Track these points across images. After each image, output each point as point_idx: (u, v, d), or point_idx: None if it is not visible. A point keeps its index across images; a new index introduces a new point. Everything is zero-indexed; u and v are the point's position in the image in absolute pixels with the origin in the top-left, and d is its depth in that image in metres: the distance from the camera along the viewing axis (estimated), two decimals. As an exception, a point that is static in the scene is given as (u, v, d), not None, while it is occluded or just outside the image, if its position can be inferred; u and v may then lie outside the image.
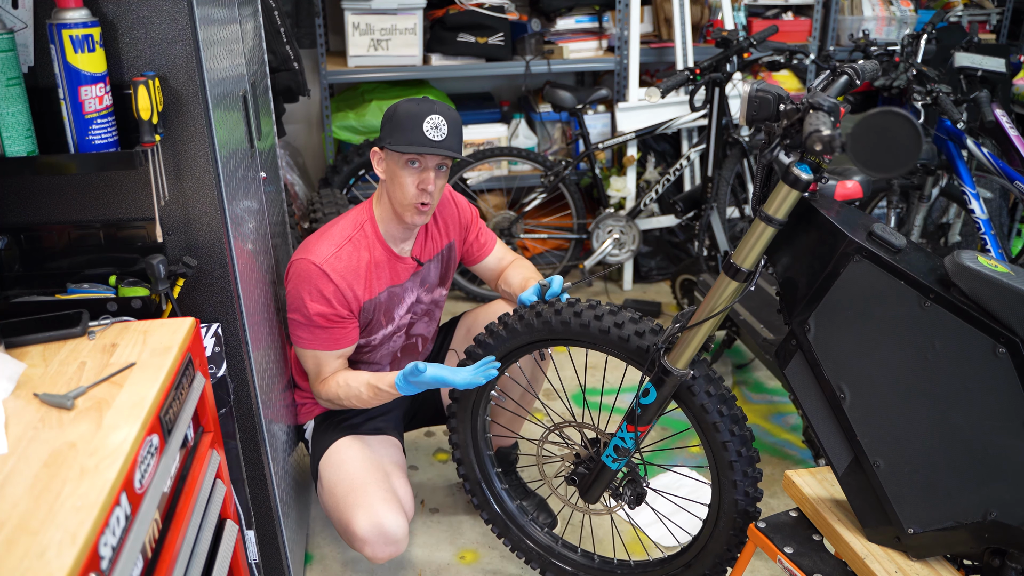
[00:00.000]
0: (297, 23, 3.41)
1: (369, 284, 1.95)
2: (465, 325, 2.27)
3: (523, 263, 2.23)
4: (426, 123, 1.83)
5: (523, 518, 2.12)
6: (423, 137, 1.82)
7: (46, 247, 1.48)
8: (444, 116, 1.85)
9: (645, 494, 1.86)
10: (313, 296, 1.87)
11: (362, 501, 1.86)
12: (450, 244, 2.14)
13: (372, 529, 1.83)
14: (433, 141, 1.83)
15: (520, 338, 1.88)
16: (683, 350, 1.63)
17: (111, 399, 1.11)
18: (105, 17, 1.35)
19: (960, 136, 2.76)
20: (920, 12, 4.07)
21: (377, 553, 1.86)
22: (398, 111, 1.86)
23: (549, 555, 2.07)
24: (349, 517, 1.86)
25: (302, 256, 1.89)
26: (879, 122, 1.27)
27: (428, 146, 1.83)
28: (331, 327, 1.91)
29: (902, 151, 1.25)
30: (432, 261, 2.09)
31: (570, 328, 1.79)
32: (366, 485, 1.89)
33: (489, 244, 2.21)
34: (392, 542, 1.85)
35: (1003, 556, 1.37)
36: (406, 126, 1.83)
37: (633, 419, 1.73)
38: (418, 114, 1.83)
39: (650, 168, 3.82)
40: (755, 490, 1.72)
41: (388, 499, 1.88)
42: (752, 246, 1.50)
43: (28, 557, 0.82)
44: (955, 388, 1.35)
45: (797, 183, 1.40)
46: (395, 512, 1.86)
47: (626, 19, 3.69)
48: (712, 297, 1.57)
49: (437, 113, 1.84)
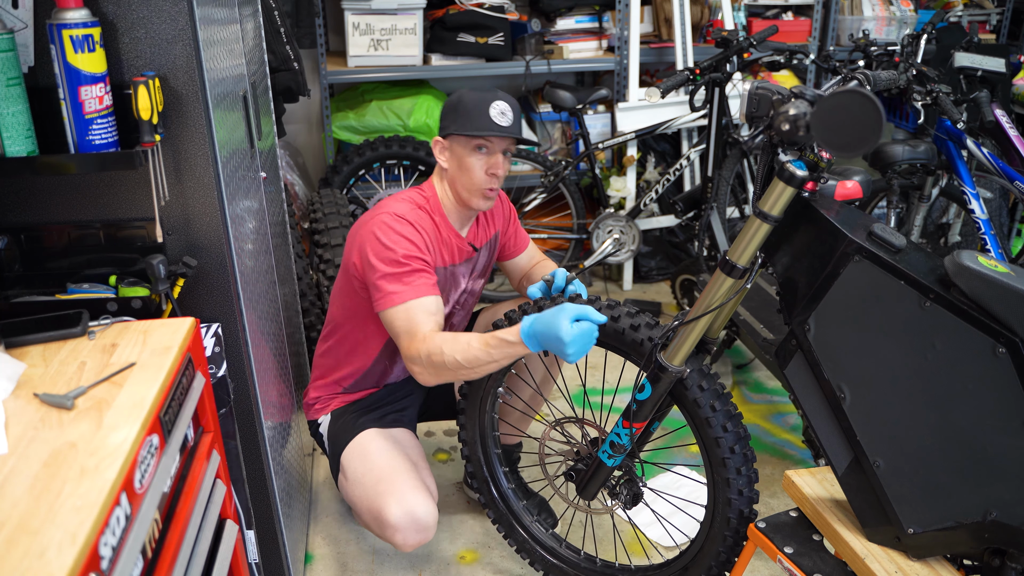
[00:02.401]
0: (297, 23, 3.41)
1: (439, 250, 1.98)
2: (484, 322, 2.27)
3: (550, 264, 2.26)
4: (492, 109, 1.88)
5: (528, 518, 2.12)
6: (491, 123, 1.88)
7: (46, 247, 1.48)
8: (508, 102, 1.90)
9: (642, 494, 1.86)
10: (398, 242, 1.84)
11: (393, 489, 1.89)
12: (497, 233, 2.18)
13: (404, 516, 1.86)
14: (501, 126, 1.88)
15: None
16: (679, 346, 1.63)
17: (111, 399, 1.11)
18: (105, 17, 1.35)
19: (960, 136, 2.76)
20: (920, 12, 4.07)
21: (408, 539, 1.88)
22: (463, 99, 1.90)
23: (552, 556, 2.07)
24: (380, 505, 1.88)
25: (377, 214, 1.89)
26: (841, 101, 1.27)
27: (497, 130, 1.87)
28: (419, 270, 1.84)
29: (864, 130, 1.26)
30: (483, 248, 2.13)
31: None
32: (395, 474, 1.92)
33: (524, 241, 2.24)
34: (423, 529, 1.88)
35: (1003, 556, 1.37)
36: (474, 113, 1.87)
37: (629, 415, 1.73)
38: (483, 101, 1.88)
39: (650, 168, 3.82)
40: (751, 489, 1.71)
41: (418, 487, 1.90)
42: (748, 242, 1.51)
43: (28, 557, 0.82)
44: (955, 388, 1.35)
45: (792, 180, 1.42)
46: (426, 500, 1.89)
47: (626, 19, 3.69)
48: (708, 294, 1.57)
49: (501, 99, 1.89)
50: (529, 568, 2.16)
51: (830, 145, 1.32)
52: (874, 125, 1.25)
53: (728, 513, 1.71)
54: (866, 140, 1.26)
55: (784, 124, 1.39)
